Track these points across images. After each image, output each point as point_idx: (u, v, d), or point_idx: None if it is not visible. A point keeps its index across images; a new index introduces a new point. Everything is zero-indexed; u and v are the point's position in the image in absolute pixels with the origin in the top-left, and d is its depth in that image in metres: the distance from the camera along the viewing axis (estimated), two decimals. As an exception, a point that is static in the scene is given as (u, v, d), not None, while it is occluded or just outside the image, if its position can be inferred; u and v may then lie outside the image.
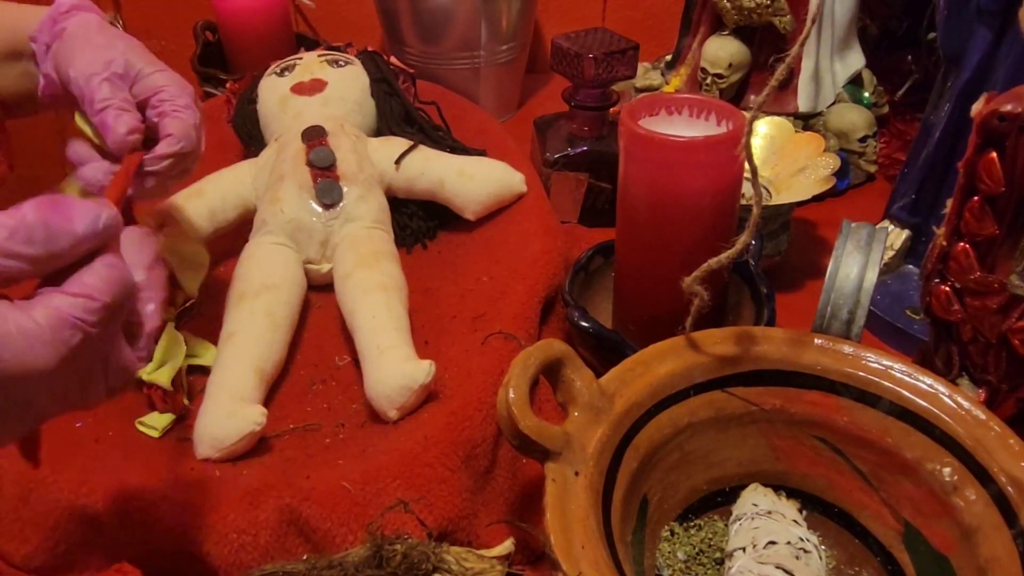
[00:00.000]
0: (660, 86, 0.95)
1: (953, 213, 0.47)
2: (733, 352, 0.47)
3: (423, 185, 0.67)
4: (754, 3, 0.80)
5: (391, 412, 0.51)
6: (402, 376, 0.50)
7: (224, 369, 0.53)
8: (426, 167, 0.67)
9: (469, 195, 0.66)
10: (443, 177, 0.66)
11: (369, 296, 0.56)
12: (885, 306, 0.66)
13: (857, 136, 0.84)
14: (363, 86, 0.71)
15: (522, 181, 0.67)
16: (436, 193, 0.67)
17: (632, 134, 0.52)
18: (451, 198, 0.67)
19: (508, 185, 0.67)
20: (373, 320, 0.55)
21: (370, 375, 0.52)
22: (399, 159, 0.67)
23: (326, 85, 0.69)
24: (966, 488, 0.42)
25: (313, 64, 0.71)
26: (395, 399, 0.50)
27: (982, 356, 0.48)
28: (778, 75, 0.39)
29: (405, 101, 0.72)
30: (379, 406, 0.51)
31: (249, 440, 0.49)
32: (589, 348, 0.56)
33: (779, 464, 0.48)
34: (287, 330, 0.57)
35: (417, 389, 0.50)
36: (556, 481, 0.39)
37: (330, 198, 0.62)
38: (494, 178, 0.67)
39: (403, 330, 0.55)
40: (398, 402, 0.50)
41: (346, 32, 0.92)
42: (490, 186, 0.66)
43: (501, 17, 0.91)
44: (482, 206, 0.66)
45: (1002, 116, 0.42)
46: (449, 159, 0.68)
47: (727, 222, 0.53)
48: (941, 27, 0.64)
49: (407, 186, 0.67)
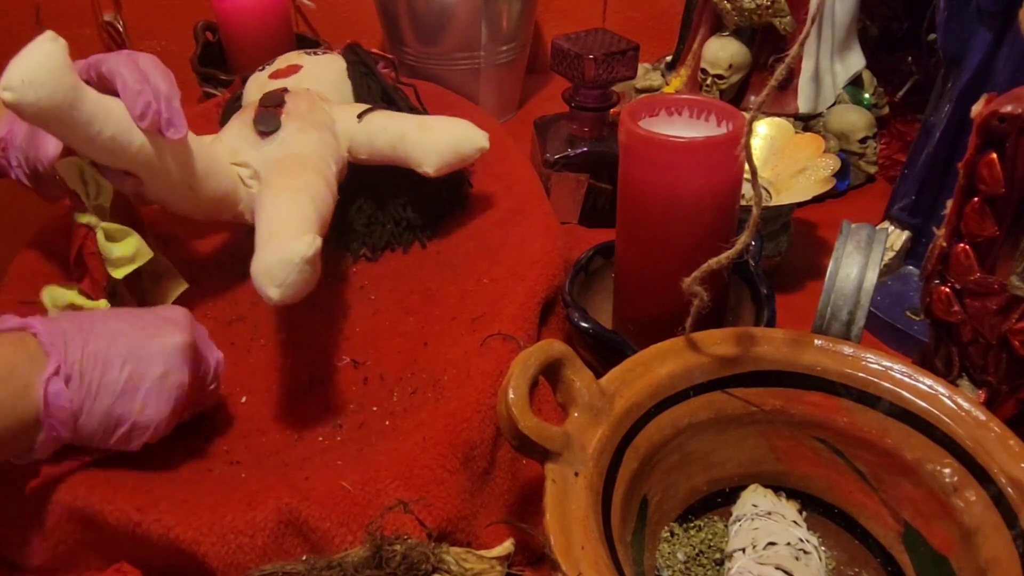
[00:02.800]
0: (660, 87, 0.95)
1: (953, 214, 0.47)
2: (733, 353, 0.47)
3: (384, 138, 0.64)
4: (754, 4, 0.80)
5: (271, 291, 0.47)
6: (283, 251, 0.47)
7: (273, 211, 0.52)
8: (389, 123, 0.65)
9: (428, 145, 0.63)
10: (404, 130, 0.64)
11: (278, 197, 0.54)
12: (885, 307, 0.66)
13: (857, 137, 0.84)
14: (339, 68, 0.72)
15: (485, 138, 0.65)
16: (397, 148, 0.64)
17: (632, 135, 0.52)
18: (411, 151, 0.64)
19: (470, 139, 0.64)
20: (273, 212, 0.52)
21: (255, 258, 0.49)
22: (363, 114, 0.65)
23: (301, 68, 0.69)
24: (966, 489, 0.42)
25: (292, 56, 0.73)
26: (275, 274, 0.47)
27: (982, 357, 0.48)
28: (777, 75, 0.39)
29: (383, 81, 0.72)
30: (260, 286, 0.48)
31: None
32: (589, 349, 0.56)
33: (779, 465, 0.48)
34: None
35: (298, 262, 0.47)
36: (556, 482, 0.39)
37: (266, 126, 0.60)
38: (455, 131, 0.65)
39: (305, 222, 0.51)
40: (278, 278, 0.47)
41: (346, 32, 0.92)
42: (451, 138, 0.64)
43: (501, 18, 0.91)
44: (441, 157, 0.64)
45: (1002, 117, 0.42)
46: (412, 116, 0.67)
47: (727, 223, 0.53)
48: (941, 28, 0.64)
49: (368, 141, 0.64)
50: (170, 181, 0.54)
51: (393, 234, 0.68)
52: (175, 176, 0.54)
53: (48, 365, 0.42)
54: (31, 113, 0.45)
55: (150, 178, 0.54)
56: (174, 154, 0.54)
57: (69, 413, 0.42)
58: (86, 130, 0.48)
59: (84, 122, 0.48)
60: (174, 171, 0.54)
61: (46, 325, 0.44)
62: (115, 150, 0.50)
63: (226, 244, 0.69)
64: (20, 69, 0.44)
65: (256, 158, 0.59)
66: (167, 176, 0.54)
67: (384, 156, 0.65)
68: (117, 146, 0.50)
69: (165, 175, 0.54)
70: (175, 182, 0.55)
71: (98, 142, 0.49)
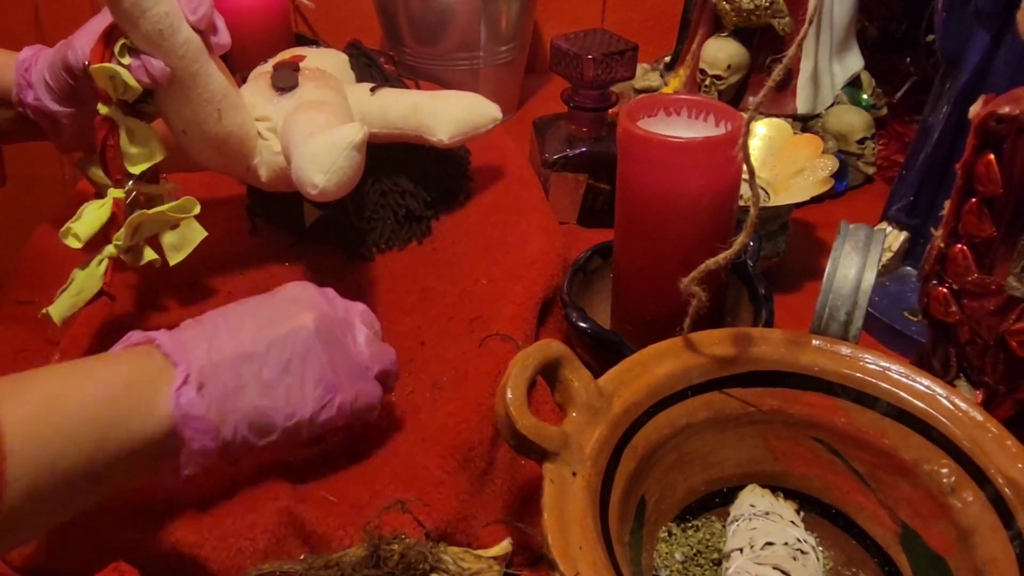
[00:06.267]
0: (659, 87, 0.95)
1: (951, 215, 0.47)
2: (731, 353, 0.47)
3: (398, 109, 0.64)
4: (753, 5, 0.80)
5: (316, 176, 0.45)
6: (331, 135, 0.45)
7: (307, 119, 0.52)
8: (401, 96, 0.66)
9: (442, 112, 0.64)
10: (416, 102, 0.64)
11: (309, 112, 0.54)
12: (883, 307, 0.66)
13: (855, 138, 0.84)
14: (342, 60, 0.72)
15: (498, 109, 0.66)
16: (409, 118, 0.64)
17: (630, 135, 0.52)
18: (424, 119, 0.64)
19: (483, 109, 0.65)
20: (307, 119, 0.52)
21: (295, 155, 0.47)
22: (374, 88, 0.66)
23: (304, 58, 0.70)
24: (963, 489, 0.42)
25: (294, 49, 0.73)
26: (323, 159, 0.45)
27: (980, 358, 0.48)
28: (775, 76, 0.39)
29: (385, 72, 0.72)
30: (304, 175, 0.45)
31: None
32: (587, 349, 0.56)
33: (777, 465, 0.48)
34: None
35: (345, 146, 0.45)
36: (554, 482, 0.39)
37: (284, 83, 0.61)
38: (469, 101, 0.65)
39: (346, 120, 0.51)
40: (325, 162, 0.45)
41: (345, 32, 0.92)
42: (465, 107, 0.64)
43: (500, 18, 0.91)
44: (456, 125, 0.64)
45: (1000, 118, 0.42)
46: (423, 91, 0.67)
47: (725, 223, 0.53)
48: (940, 29, 0.64)
49: (381, 113, 0.65)
50: (202, 97, 0.54)
51: (393, 229, 0.68)
52: (207, 92, 0.54)
53: (176, 376, 0.40)
54: None
55: (186, 84, 0.53)
56: (211, 67, 0.54)
57: (207, 421, 0.40)
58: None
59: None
60: (208, 84, 0.54)
61: (170, 336, 0.42)
62: (164, 31, 0.50)
63: (226, 243, 0.69)
64: None
65: (275, 112, 0.59)
66: (201, 88, 0.54)
67: (396, 128, 0.65)
68: (167, 27, 0.50)
69: (199, 86, 0.53)
70: (205, 99, 0.54)
71: (150, 15, 0.49)
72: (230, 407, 0.41)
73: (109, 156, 0.54)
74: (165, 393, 0.40)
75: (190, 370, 0.41)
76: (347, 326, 0.47)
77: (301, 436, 0.44)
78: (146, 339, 0.42)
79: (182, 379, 0.40)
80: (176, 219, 0.56)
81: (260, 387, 0.42)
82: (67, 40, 0.55)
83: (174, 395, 0.40)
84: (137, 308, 0.63)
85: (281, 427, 0.43)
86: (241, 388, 0.42)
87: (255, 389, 0.42)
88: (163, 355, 0.41)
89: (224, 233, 0.70)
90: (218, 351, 0.42)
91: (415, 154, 0.68)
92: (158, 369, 0.41)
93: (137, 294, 0.64)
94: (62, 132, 0.59)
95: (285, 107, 0.59)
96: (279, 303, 0.46)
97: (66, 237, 0.53)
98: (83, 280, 0.54)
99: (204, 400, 0.40)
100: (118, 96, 0.52)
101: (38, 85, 0.57)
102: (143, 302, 0.64)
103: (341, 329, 0.46)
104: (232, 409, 0.41)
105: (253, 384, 0.42)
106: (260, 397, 0.42)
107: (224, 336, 0.43)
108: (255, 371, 0.42)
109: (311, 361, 0.44)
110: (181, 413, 0.40)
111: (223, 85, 0.55)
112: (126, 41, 0.51)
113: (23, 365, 0.56)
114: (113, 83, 0.51)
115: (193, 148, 0.57)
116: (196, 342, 0.42)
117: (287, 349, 0.43)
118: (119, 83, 0.51)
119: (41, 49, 0.58)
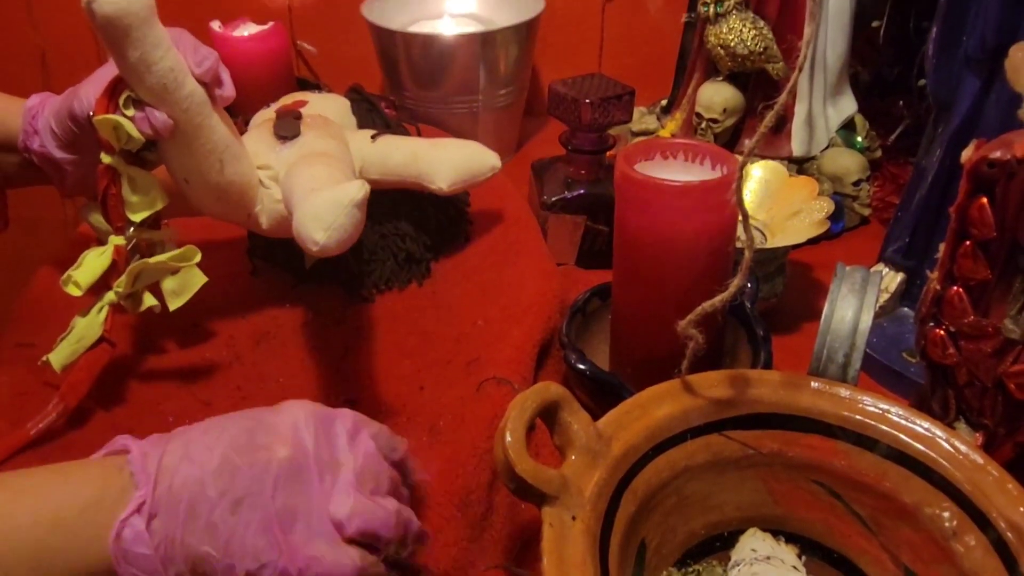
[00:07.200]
0: (656, 130, 0.96)
1: (946, 257, 0.47)
2: (730, 395, 0.47)
3: (398, 157, 0.65)
4: (747, 50, 0.81)
5: (317, 234, 0.44)
6: (333, 193, 0.45)
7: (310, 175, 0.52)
8: (401, 143, 0.67)
9: (442, 160, 0.65)
10: (416, 150, 0.66)
11: (311, 167, 0.54)
12: (882, 348, 0.66)
13: (851, 180, 0.85)
14: (344, 105, 0.73)
15: (497, 158, 0.67)
16: (409, 165, 0.65)
17: (628, 178, 0.52)
18: (424, 167, 0.65)
19: (482, 157, 0.66)
20: (309, 175, 0.52)
21: (297, 211, 0.46)
22: (375, 135, 0.67)
23: (307, 103, 0.71)
24: (966, 534, 0.42)
25: (296, 94, 0.74)
26: (324, 216, 0.44)
27: (978, 400, 0.48)
28: (767, 122, 0.40)
29: (386, 117, 0.73)
30: (305, 232, 0.45)
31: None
32: (586, 391, 0.56)
33: (777, 508, 0.48)
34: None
35: (347, 204, 0.44)
36: (553, 526, 0.39)
37: (286, 131, 0.62)
38: (468, 150, 0.67)
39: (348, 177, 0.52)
40: (326, 220, 0.44)
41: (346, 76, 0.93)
42: (464, 155, 0.66)
43: (499, 62, 0.92)
44: (455, 173, 0.65)
45: (991, 163, 0.43)
46: (423, 139, 0.68)
47: (722, 265, 0.54)
48: (930, 75, 0.65)
49: (382, 160, 0.65)
50: (204, 148, 0.54)
51: (392, 271, 0.68)
52: (209, 143, 0.54)
53: (132, 501, 0.36)
54: (109, 12, 0.46)
55: (189, 135, 0.53)
56: (215, 119, 0.54)
57: (151, 560, 0.36)
58: (151, 53, 0.49)
59: (152, 43, 0.49)
60: (211, 136, 0.54)
61: (146, 451, 0.38)
62: (168, 85, 0.51)
63: (226, 285, 0.69)
64: None
65: (276, 160, 0.60)
66: (204, 139, 0.54)
67: (396, 175, 0.66)
68: (171, 81, 0.51)
69: (202, 137, 0.54)
70: (208, 150, 0.55)
71: (156, 70, 0.50)
72: (177, 545, 0.36)
73: (111, 204, 0.55)
74: (114, 520, 0.35)
75: (147, 497, 0.36)
76: (329, 468, 0.39)
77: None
78: (124, 449, 0.38)
79: (134, 507, 0.36)
80: (177, 267, 0.56)
81: (207, 526, 0.36)
82: (74, 89, 0.56)
83: (117, 527, 0.35)
84: (137, 351, 0.63)
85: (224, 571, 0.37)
86: (191, 523, 0.36)
87: (202, 528, 0.36)
88: (130, 473, 0.37)
89: (224, 275, 0.70)
90: (183, 474, 0.37)
91: (415, 198, 0.69)
92: (119, 490, 0.36)
93: (137, 336, 0.64)
94: (66, 178, 0.60)
95: (287, 156, 0.60)
96: (258, 427, 0.39)
97: (67, 285, 0.53)
98: (83, 328, 0.54)
99: (152, 535, 0.36)
100: (121, 146, 0.53)
101: (44, 132, 0.58)
102: (143, 344, 0.64)
103: (319, 472, 0.38)
104: (179, 547, 0.36)
105: (202, 521, 0.36)
106: (204, 539, 0.36)
107: (196, 454, 0.38)
108: (208, 506, 0.36)
109: (259, 505, 0.37)
110: (122, 549, 0.35)
111: (226, 136, 0.55)
112: (131, 93, 0.52)
113: (22, 408, 0.56)
114: (116, 134, 0.52)
115: (195, 196, 0.57)
116: (167, 462, 0.37)
117: (240, 486, 0.37)
118: (122, 134, 0.52)
119: (49, 97, 0.59)
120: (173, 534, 0.36)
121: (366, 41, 0.97)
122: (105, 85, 0.53)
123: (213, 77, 0.54)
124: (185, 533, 0.36)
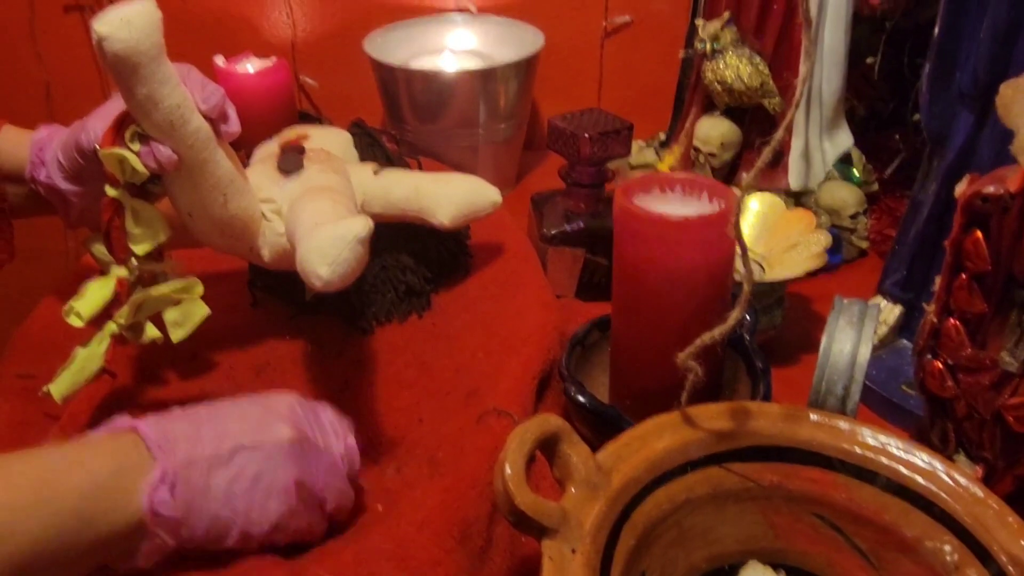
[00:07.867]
0: (654, 163, 0.97)
1: (942, 290, 0.47)
2: (729, 427, 0.47)
3: (400, 191, 0.66)
4: (744, 86, 0.83)
5: (321, 269, 0.45)
6: (337, 228, 0.46)
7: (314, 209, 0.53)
8: (403, 177, 0.68)
9: (444, 195, 0.66)
10: (418, 184, 0.66)
11: (315, 201, 0.55)
12: (881, 381, 0.66)
13: (848, 213, 0.86)
14: (346, 139, 0.74)
15: (498, 193, 0.68)
16: (411, 200, 0.66)
17: (627, 212, 0.53)
18: (426, 202, 0.66)
19: (484, 192, 0.67)
20: (313, 209, 0.53)
21: (301, 246, 0.47)
22: (378, 170, 0.68)
23: (309, 138, 0.71)
24: (967, 567, 0.42)
25: (298, 127, 0.75)
26: (328, 251, 0.45)
27: (978, 432, 0.48)
28: (764, 158, 0.40)
29: (387, 150, 0.74)
30: (309, 267, 0.46)
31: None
32: (586, 423, 0.56)
33: (778, 542, 0.48)
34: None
35: (351, 239, 0.45)
36: (553, 559, 0.39)
37: (290, 166, 0.62)
38: (470, 185, 0.67)
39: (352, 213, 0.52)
40: (330, 255, 0.45)
41: (348, 110, 0.94)
42: (466, 190, 0.67)
43: (499, 97, 0.93)
44: (456, 208, 0.66)
45: (985, 197, 0.43)
46: (425, 173, 0.69)
47: (721, 297, 0.54)
48: (925, 110, 0.66)
49: (384, 194, 0.66)
50: (208, 183, 0.55)
51: (393, 303, 0.68)
52: (213, 178, 0.55)
53: (154, 471, 0.41)
54: (119, 50, 0.47)
55: (193, 170, 0.54)
56: (219, 154, 0.55)
57: (175, 521, 0.42)
58: (158, 89, 0.49)
59: (159, 80, 0.49)
60: (215, 171, 0.55)
61: (154, 426, 0.43)
62: (174, 122, 0.51)
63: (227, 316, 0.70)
64: (120, 11, 0.47)
65: (280, 194, 0.60)
66: (208, 174, 0.55)
67: (398, 209, 0.67)
68: (178, 118, 0.51)
69: (207, 172, 0.54)
70: (212, 185, 0.55)
71: (163, 107, 0.50)
72: (195, 511, 0.42)
73: (114, 236, 0.55)
74: (141, 488, 0.41)
75: (167, 468, 0.41)
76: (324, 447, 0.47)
77: (252, 547, 0.45)
78: (131, 426, 0.43)
79: (159, 477, 0.41)
80: (179, 299, 0.57)
81: (225, 496, 0.43)
82: (81, 122, 0.57)
83: (149, 493, 0.41)
84: (137, 381, 0.63)
85: (235, 539, 0.44)
86: (208, 493, 0.43)
87: (220, 497, 0.43)
88: (146, 447, 0.42)
89: (225, 306, 0.71)
90: (197, 451, 0.43)
91: (416, 230, 0.69)
92: (138, 461, 0.41)
93: (137, 366, 0.65)
94: (71, 209, 0.60)
95: (291, 190, 0.60)
96: (261, 411, 0.46)
97: (68, 316, 0.53)
98: (84, 359, 0.54)
99: (175, 501, 0.41)
100: (126, 179, 0.54)
101: (50, 164, 0.58)
102: (143, 375, 0.64)
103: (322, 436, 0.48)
104: (196, 513, 0.42)
105: (220, 491, 0.43)
106: (222, 506, 0.43)
107: (206, 435, 0.44)
108: (225, 479, 0.43)
109: (280, 477, 0.44)
110: (154, 512, 0.41)
111: (230, 171, 0.56)
112: (137, 128, 0.52)
113: (22, 439, 0.56)
114: (122, 167, 0.53)
115: (198, 229, 0.58)
116: (178, 437, 0.43)
117: (257, 462, 0.44)
118: (127, 168, 0.53)
119: (56, 129, 0.60)
120: (192, 501, 0.42)
121: (368, 76, 0.98)
122: (112, 119, 0.53)
123: (219, 113, 0.55)
124: (203, 501, 0.42)
